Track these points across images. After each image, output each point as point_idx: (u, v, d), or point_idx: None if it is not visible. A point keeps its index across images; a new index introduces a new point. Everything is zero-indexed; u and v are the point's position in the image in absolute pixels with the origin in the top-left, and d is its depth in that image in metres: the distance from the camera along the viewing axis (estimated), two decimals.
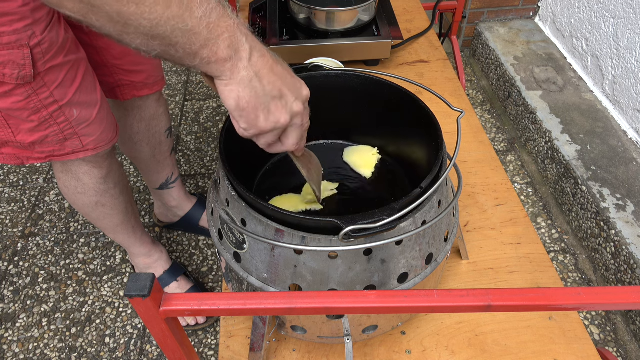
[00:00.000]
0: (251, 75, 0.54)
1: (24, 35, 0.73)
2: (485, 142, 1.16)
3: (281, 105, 0.57)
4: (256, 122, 0.57)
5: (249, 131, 0.58)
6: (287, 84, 0.57)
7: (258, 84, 0.54)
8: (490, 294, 0.42)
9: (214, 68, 0.53)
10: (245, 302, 0.43)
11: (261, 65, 0.54)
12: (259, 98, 0.55)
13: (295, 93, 0.58)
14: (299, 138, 0.63)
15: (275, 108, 0.57)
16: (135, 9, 0.46)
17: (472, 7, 2.16)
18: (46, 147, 0.89)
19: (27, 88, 0.79)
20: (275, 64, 0.56)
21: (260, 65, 0.54)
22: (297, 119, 0.60)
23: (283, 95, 0.57)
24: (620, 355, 1.33)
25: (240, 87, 0.54)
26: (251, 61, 0.54)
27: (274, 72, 0.56)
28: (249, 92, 0.54)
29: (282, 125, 0.58)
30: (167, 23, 0.47)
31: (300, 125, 0.61)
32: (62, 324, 1.40)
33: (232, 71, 0.53)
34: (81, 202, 1.08)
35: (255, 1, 1.47)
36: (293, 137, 0.62)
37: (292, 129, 0.61)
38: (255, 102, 0.55)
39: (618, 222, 1.40)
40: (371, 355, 0.80)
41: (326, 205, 0.82)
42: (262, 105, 0.55)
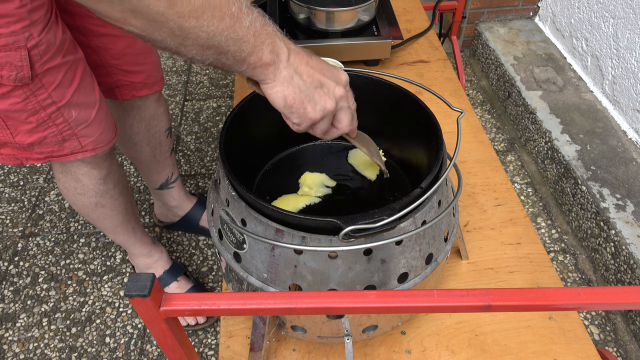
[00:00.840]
0: (292, 73, 0.59)
1: (21, 37, 0.73)
2: (485, 142, 1.16)
3: (324, 92, 0.61)
4: (306, 114, 0.61)
5: (303, 125, 0.62)
6: (325, 73, 0.62)
7: (299, 80, 0.59)
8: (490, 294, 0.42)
9: (258, 72, 0.57)
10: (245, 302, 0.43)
11: (298, 62, 0.59)
12: (303, 91, 0.59)
13: (334, 79, 0.63)
14: (350, 119, 0.66)
15: (320, 97, 0.61)
16: (195, 22, 0.50)
17: (472, 7, 2.16)
18: (45, 148, 0.89)
19: (25, 89, 0.79)
20: (309, 58, 0.61)
21: (297, 63, 0.59)
22: (343, 102, 0.64)
23: (323, 83, 0.61)
24: (620, 355, 1.33)
25: (284, 85, 0.59)
26: (289, 60, 0.59)
27: (310, 65, 0.60)
28: (293, 88, 0.59)
29: (329, 110, 0.62)
30: (222, 34, 0.52)
31: (347, 107, 0.65)
32: (62, 324, 1.40)
33: (274, 73, 0.58)
34: (81, 203, 1.08)
35: (255, 1, 1.47)
36: (345, 119, 0.66)
37: (341, 111, 0.65)
38: (300, 96, 0.59)
39: (618, 222, 1.40)
40: (371, 355, 0.80)
41: (326, 205, 0.82)
42: (307, 97, 0.60)
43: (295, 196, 0.83)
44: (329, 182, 0.85)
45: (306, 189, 0.83)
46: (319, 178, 0.85)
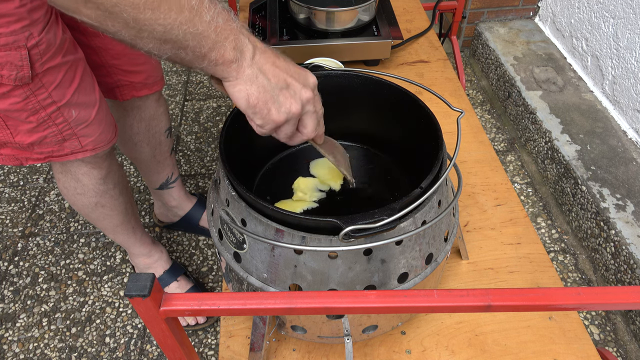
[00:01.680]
0: (256, 72, 0.56)
1: (21, 37, 0.73)
2: (485, 142, 1.16)
3: (289, 94, 0.59)
4: (269, 115, 0.59)
5: (266, 127, 0.60)
6: (292, 74, 0.59)
7: (263, 79, 0.57)
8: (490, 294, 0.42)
9: (220, 69, 0.55)
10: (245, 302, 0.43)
11: (263, 61, 0.57)
12: (267, 92, 0.57)
13: (302, 81, 0.60)
14: (316, 124, 0.64)
15: (285, 98, 0.59)
16: (150, 14, 0.48)
17: (472, 7, 2.16)
18: (45, 148, 0.89)
19: (25, 89, 0.79)
20: (276, 58, 0.59)
21: (262, 62, 0.57)
22: (309, 106, 0.62)
23: (289, 85, 0.59)
24: (620, 355, 1.33)
25: (247, 84, 0.56)
26: (254, 59, 0.56)
27: (277, 65, 0.58)
28: (256, 87, 0.57)
29: (294, 113, 0.60)
30: (179, 27, 0.50)
31: (313, 111, 0.63)
32: (62, 324, 1.40)
33: (237, 71, 0.56)
34: (81, 202, 1.08)
35: (255, 1, 1.47)
36: (310, 123, 0.63)
37: (306, 116, 0.63)
38: (264, 96, 0.57)
39: (618, 222, 1.40)
40: (371, 355, 0.80)
41: (326, 205, 0.82)
42: (271, 98, 0.58)
43: (291, 202, 0.83)
44: (322, 185, 0.85)
45: (300, 194, 0.83)
46: (312, 182, 0.85)
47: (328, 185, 0.85)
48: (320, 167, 0.88)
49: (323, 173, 0.86)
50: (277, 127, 0.61)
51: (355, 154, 0.92)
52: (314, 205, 0.82)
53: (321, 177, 0.86)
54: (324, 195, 0.84)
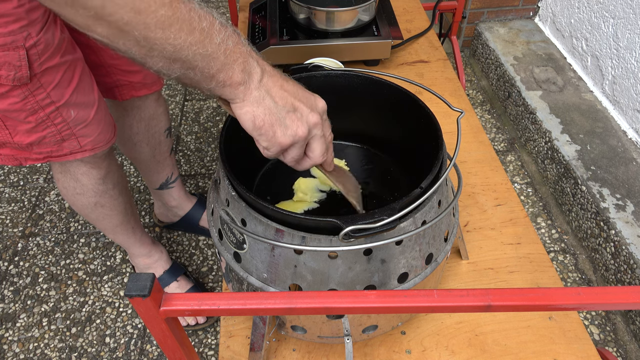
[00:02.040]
0: (263, 94, 0.57)
1: (19, 37, 0.73)
2: (485, 142, 1.16)
3: (296, 117, 0.59)
4: (275, 138, 0.58)
5: (272, 149, 0.60)
6: (300, 98, 0.59)
7: (270, 101, 0.57)
8: (490, 294, 0.42)
9: (228, 91, 0.56)
10: (245, 302, 0.43)
11: (271, 84, 0.57)
12: (273, 114, 0.57)
13: (310, 105, 0.60)
14: (324, 149, 0.63)
15: (291, 121, 0.58)
16: (161, 34, 0.48)
17: (472, 7, 2.16)
18: (44, 148, 0.89)
19: (24, 89, 0.79)
20: (285, 81, 0.59)
21: (270, 84, 0.57)
22: (316, 130, 0.61)
23: (297, 108, 0.59)
24: (620, 355, 1.33)
25: (254, 106, 0.57)
26: (262, 82, 0.57)
27: (285, 89, 0.58)
28: (263, 109, 0.57)
29: (300, 137, 0.59)
30: (189, 48, 0.50)
31: (321, 135, 0.62)
32: (62, 324, 1.40)
33: (245, 93, 0.56)
34: (80, 203, 1.08)
35: (255, 1, 1.47)
36: (318, 148, 0.63)
37: (314, 140, 0.62)
38: (270, 118, 0.57)
39: (618, 222, 1.40)
40: (371, 355, 0.80)
41: (326, 206, 0.82)
42: (277, 120, 0.58)
43: (292, 203, 0.82)
44: (322, 186, 0.85)
45: (301, 195, 0.83)
46: (312, 183, 0.85)
47: (329, 186, 0.85)
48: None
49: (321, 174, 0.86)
50: (284, 150, 0.61)
51: (355, 154, 0.92)
52: (315, 206, 0.82)
53: (322, 178, 0.86)
54: (324, 196, 0.84)
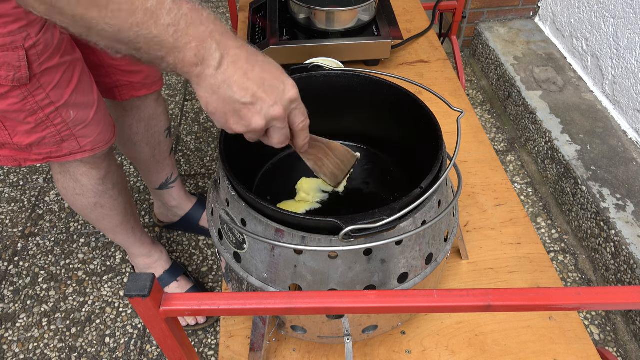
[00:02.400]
0: (219, 83, 0.53)
1: (18, 37, 0.73)
2: (485, 142, 1.16)
3: (255, 110, 0.56)
4: (227, 124, 0.57)
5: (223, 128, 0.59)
6: (265, 87, 0.55)
7: (227, 90, 0.54)
8: (490, 294, 0.42)
9: (181, 72, 0.53)
10: (245, 302, 0.43)
11: (232, 72, 0.53)
12: (228, 104, 0.55)
13: (275, 97, 0.56)
14: (282, 139, 0.61)
15: (247, 113, 0.56)
16: (97, 14, 0.46)
17: (472, 7, 2.16)
18: (43, 149, 0.89)
19: (23, 90, 0.78)
20: (251, 68, 0.55)
21: (230, 72, 0.53)
22: (277, 122, 0.58)
23: (257, 100, 0.55)
24: (620, 355, 1.33)
25: (208, 93, 0.54)
26: (220, 69, 0.53)
27: (249, 77, 0.54)
28: (217, 98, 0.54)
29: (254, 128, 0.57)
30: (131, 29, 0.47)
31: (281, 127, 0.60)
32: (62, 324, 1.40)
33: (199, 77, 0.53)
34: (80, 203, 1.08)
35: (255, 1, 1.47)
36: (275, 137, 0.61)
37: (272, 130, 0.60)
38: (223, 108, 0.55)
39: (618, 222, 1.40)
40: (371, 355, 0.80)
41: (326, 205, 0.82)
42: (231, 110, 0.55)
43: (294, 203, 0.83)
44: (325, 187, 0.85)
45: (303, 195, 0.83)
46: (315, 183, 0.85)
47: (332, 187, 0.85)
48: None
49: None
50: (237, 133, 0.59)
51: None
52: (317, 206, 0.82)
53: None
54: (326, 196, 0.84)
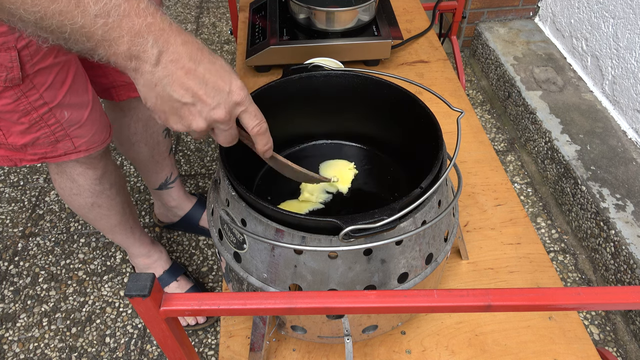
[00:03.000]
0: (156, 80, 0.50)
1: (10, 38, 0.73)
2: (485, 142, 1.16)
3: (195, 111, 0.53)
4: (167, 122, 0.55)
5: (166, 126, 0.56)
6: (208, 89, 0.52)
7: (164, 89, 0.51)
8: (490, 294, 0.42)
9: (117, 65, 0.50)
10: (245, 302, 0.43)
11: (172, 69, 0.50)
12: (166, 103, 0.52)
13: (218, 99, 0.53)
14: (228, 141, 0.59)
15: (187, 113, 0.53)
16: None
17: (472, 7, 2.16)
18: (38, 149, 0.89)
19: (16, 90, 0.78)
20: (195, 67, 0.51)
21: (171, 69, 0.50)
22: (220, 124, 0.55)
23: (198, 100, 0.52)
24: (620, 355, 1.33)
25: (145, 88, 0.51)
26: (158, 66, 0.50)
27: (191, 75, 0.51)
28: (155, 95, 0.52)
29: (195, 130, 0.54)
30: (53, 17, 0.44)
31: (225, 129, 0.57)
32: (62, 324, 1.40)
33: (136, 72, 0.50)
34: (77, 203, 1.08)
35: (255, 1, 1.47)
36: (220, 137, 0.58)
37: (218, 131, 0.57)
38: (161, 105, 0.52)
39: (618, 222, 1.40)
40: (371, 355, 0.80)
41: (329, 206, 0.82)
42: (170, 109, 0.53)
43: (298, 202, 0.83)
44: (329, 187, 0.85)
45: (307, 195, 0.83)
46: (320, 184, 0.85)
47: (336, 188, 0.85)
48: (330, 168, 0.88)
49: (332, 175, 0.86)
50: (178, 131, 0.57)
51: (355, 154, 0.92)
52: (320, 207, 0.82)
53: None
54: (330, 197, 0.84)
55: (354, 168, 0.88)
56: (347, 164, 0.88)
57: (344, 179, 0.86)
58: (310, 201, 0.82)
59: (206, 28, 2.58)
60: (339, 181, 0.85)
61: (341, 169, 0.87)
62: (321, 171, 0.88)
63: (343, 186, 0.85)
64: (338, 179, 0.83)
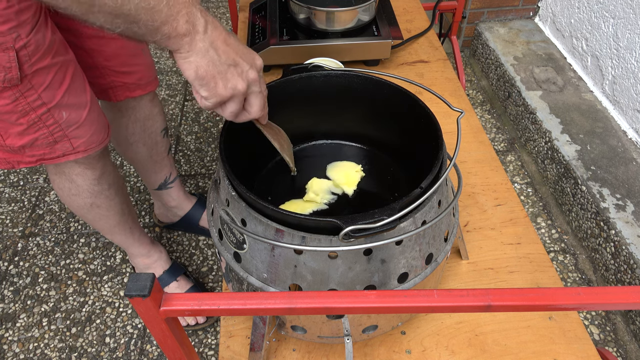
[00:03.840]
0: (207, 46, 0.58)
1: (8, 38, 0.73)
2: (485, 142, 1.16)
3: (237, 72, 0.61)
4: (216, 89, 0.60)
5: (210, 100, 0.61)
6: (241, 53, 0.61)
7: (214, 54, 0.58)
8: (490, 294, 0.42)
9: (173, 42, 0.56)
10: (245, 302, 0.43)
11: (216, 36, 0.59)
12: (216, 66, 0.59)
13: (249, 61, 0.62)
14: (262, 104, 0.67)
15: (232, 75, 0.60)
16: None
17: (472, 7, 2.16)
18: (36, 151, 0.89)
19: (15, 91, 0.78)
20: (227, 36, 0.60)
21: (214, 37, 0.58)
22: (255, 86, 0.64)
23: (238, 63, 0.61)
24: (620, 355, 1.33)
25: (199, 57, 0.58)
26: (207, 33, 0.58)
27: (227, 43, 0.60)
28: (207, 61, 0.58)
29: (239, 91, 0.62)
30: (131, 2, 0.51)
31: (259, 91, 0.65)
32: (62, 324, 1.40)
33: (190, 44, 0.57)
34: (76, 203, 1.08)
35: (255, 1, 1.47)
36: (256, 103, 0.66)
37: (252, 95, 0.65)
38: (212, 70, 0.59)
39: (618, 222, 1.40)
40: (371, 355, 0.80)
41: (333, 207, 0.82)
42: (219, 73, 0.59)
43: (302, 202, 0.83)
44: (335, 189, 0.85)
45: (312, 195, 0.83)
46: (326, 185, 0.85)
47: (341, 189, 0.85)
48: (338, 170, 0.88)
49: (339, 177, 0.86)
50: (222, 103, 0.63)
51: (355, 154, 0.92)
52: (324, 207, 0.82)
53: (336, 180, 0.85)
54: (335, 198, 0.84)
55: (361, 170, 0.87)
56: (354, 165, 0.88)
57: (349, 181, 0.85)
58: (314, 201, 0.82)
59: None
60: (346, 183, 0.85)
61: (348, 171, 0.87)
62: (328, 172, 0.88)
63: (348, 188, 0.85)
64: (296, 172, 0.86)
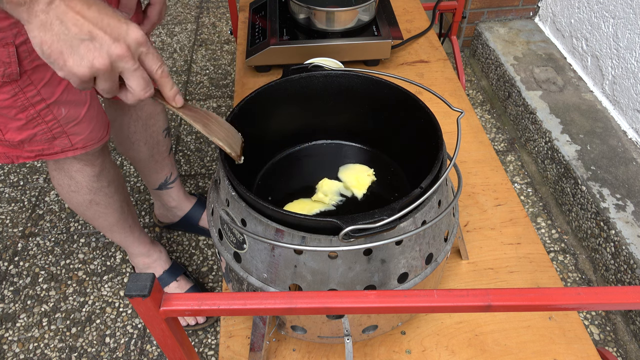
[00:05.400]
0: (51, 19, 0.53)
1: (9, 34, 0.73)
2: (485, 142, 1.16)
3: (93, 47, 0.54)
4: (66, 66, 0.55)
5: (72, 80, 0.56)
6: (102, 26, 0.54)
7: (61, 27, 0.53)
8: (490, 294, 0.42)
9: (9, 8, 0.52)
10: (245, 302, 0.43)
11: (64, 9, 0.53)
12: (62, 41, 0.53)
13: (114, 35, 0.55)
14: (143, 84, 0.58)
15: (86, 50, 0.54)
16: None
17: (472, 7, 2.16)
18: (35, 146, 0.89)
19: (14, 86, 0.79)
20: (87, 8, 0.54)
21: (62, 9, 0.53)
22: (124, 62, 0.56)
23: (95, 37, 0.54)
24: (620, 355, 1.33)
25: (41, 31, 0.53)
26: (52, 5, 0.52)
27: (84, 15, 0.54)
28: (50, 35, 0.53)
29: (99, 68, 0.55)
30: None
31: (133, 69, 0.57)
32: (62, 324, 1.40)
33: (28, 14, 0.52)
34: (75, 200, 1.08)
35: (255, 1, 1.47)
36: (133, 84, 0.58)
37: (126, 73, 0.57)
38: (58, 45, 0.53)
39: (618, 222, 1.40)
40: (371, 355, 0.80)
41: (340, 209, 0.82)
42: (68, 48, 0.54)
43: (310, 202, 0.82)
44: (345, 191, 0.84)
45: (321, 195, 0.82)
46: (336, 186, 0.84)
47: (351, 192, 0.85)
48: (349, 172, 0.87)
49: (350, 179, 0.85)
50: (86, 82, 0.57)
51: (355, 153, 0.92)
52: (332, 209, 0.82)
53: (347, 183, 0.85)
54: (344, 200, 0.83)
55: (372, 175, 0.86)
56: (366, 169, 0.87)
57: (360, 184, 0.85)
58: (322, 202, 0.82)
59: (206, 28, 2.58)
60: (357, 186, 0.84)
61: (359, 174, 0.87)
62: (339, 173, 0.88)
63: (359, 191, 0.84)
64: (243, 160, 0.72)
